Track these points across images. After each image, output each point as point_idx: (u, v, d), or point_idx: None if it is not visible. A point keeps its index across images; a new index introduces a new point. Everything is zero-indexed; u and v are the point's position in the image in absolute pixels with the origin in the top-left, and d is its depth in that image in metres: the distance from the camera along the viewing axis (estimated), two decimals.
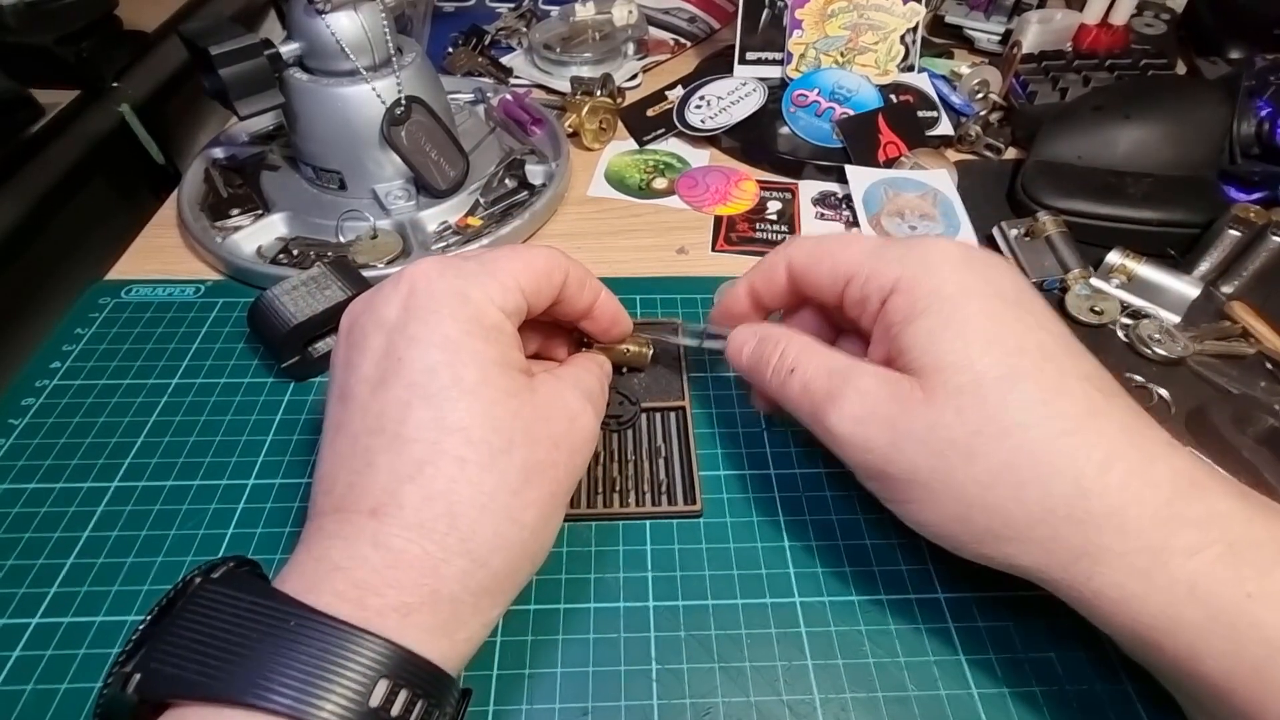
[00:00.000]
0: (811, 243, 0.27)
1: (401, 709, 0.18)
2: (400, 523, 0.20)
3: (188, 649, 0.18)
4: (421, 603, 0.19)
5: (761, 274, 0.29)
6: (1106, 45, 0.57)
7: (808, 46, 0.52)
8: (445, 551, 0.20)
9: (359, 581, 0.19)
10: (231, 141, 0.48)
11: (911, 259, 0.24)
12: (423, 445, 0.20)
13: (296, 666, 0.17)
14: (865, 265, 0.25)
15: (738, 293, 0.29)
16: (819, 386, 0.25)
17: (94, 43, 0.50)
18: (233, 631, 0.18)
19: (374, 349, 0.22)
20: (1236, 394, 0.34)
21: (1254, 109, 0.44)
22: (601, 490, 0.29)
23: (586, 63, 0.56)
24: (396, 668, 0.18)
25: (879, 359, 0.25)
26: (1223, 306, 0.38)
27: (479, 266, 0.23)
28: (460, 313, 0.22)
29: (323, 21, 0.37)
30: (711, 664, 0.25)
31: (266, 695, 0.17)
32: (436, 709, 0.19)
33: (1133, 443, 0.21)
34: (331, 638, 0.18)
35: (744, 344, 0.28)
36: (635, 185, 0.47)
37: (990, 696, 0.24)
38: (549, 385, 0.24)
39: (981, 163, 0.50)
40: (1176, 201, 0.42)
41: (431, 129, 0.40)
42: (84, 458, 0.30)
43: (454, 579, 0.20)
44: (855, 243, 0.26)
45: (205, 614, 0.18)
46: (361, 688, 0.17)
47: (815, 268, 0.27)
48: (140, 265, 0.41)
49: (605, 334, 0.30)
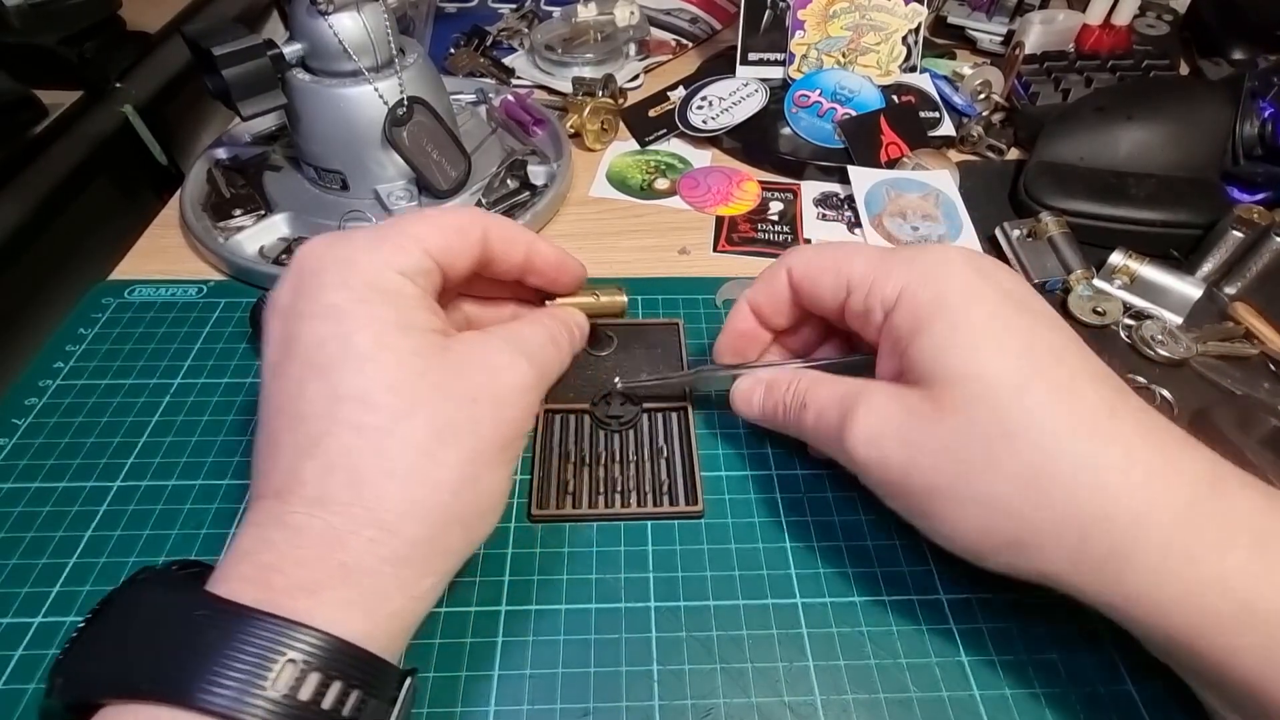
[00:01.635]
0: (811, 251, 0.27)
1: (313, 691, 0.17)
2: (301, 499, 0.19)
3: (103, 650, 0.18)
4: (329, 578, 0.18)
5: (763, 287, 0.28)
6: (1109, 46, 0.57)
7: (809, 47, 0.52)
8: (350, 522, 0.19)
9: (264, 564, 0.19)
10: (234, 142, 0.48)
11: (913, 268, 0.24)
12: (319, 419, 0.20)
13: (199, 654, 0.17)
14: (867, 276, 0.24)
15: (741, 311, 0.29)
16: (831, 414, 0.25)
17: (97, 43, 0.50)
18: (144, 629, 0.18)
19: (273, 336, 0.22)
20: (1240, 395, 0.34)
21: (1257, 110, 0.44)
22: (603, 491, 0.29)
23: (588, 63, 0.56)
24: (304, 647, 0.17)
25: (889, 373, 0.25)
26: (1226, 308, 0.38)
27: (371, 233, 0.23)
28: (348, 279, 0.21)
29: (325, 22, 0.37)
30: (713, 665, 0.25)
31: (172, 686, 0.16)
32: (359, 688, 0.18)
33: (1151, 443, 0.20)
34: (234, 622, 0.17)
35: (752, 392, 0.29)
36: (637, 186, 0.47)
37: (992, 698, 0.24)
38: (468, 341, 0.23)
39: (984, 163, 0.50)
40: (1179, 202, 0.42)
41: (433, 129, 0.40)
42: (87, 457, 0.30)
43: (363, 550, 0.19)
44: (857, 252, 0.26)
45: (120, 615, 0.18)
46: (265, 670, 0.17)
47: (817, 278, 0.26)
48: (143, 265, 0.41)
49: (555, 284, 0.28)
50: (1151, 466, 0.20)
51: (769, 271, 0.28)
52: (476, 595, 0.26)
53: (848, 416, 0.24)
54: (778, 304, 0.28)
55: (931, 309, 0.23)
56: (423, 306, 0.22)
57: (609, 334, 0.35)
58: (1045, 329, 0.22)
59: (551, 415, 0.32)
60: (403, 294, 0.22)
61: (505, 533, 0.28)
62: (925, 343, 0.22)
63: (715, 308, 0.38)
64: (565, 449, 0.31)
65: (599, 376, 0.33)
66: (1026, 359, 0.21)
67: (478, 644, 0.25)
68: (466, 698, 0.24)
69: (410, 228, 0.23)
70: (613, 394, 0.32)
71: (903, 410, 0.23)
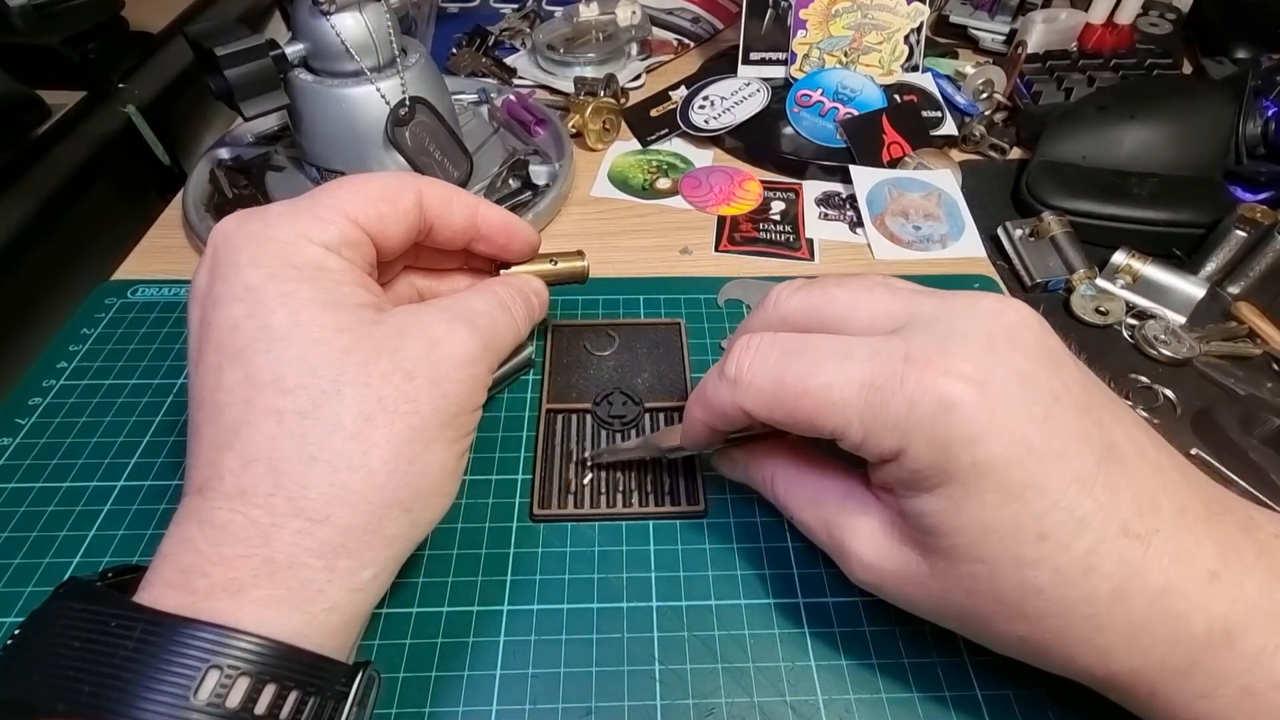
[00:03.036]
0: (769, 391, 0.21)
1: (243, 697, 0.16)
2: (222, 494, 0.18)
3: (18, 672, 0.17)
4: (255, 575, 0.17)
5: (718, 417, 0.23)
6: (1112, 45, 0.57)
7: (811, 46, 0.52)
8: (273, 515, 0.18)
9: (185, 566, 0.17)
10: (237, 142, 0.48)
11: (914, 428, 0.19)
12: (236, 407, 0.19)
13: (115, 668, 0.16)
14: (853, 430, 0.19)
15: (698, 432, 0.24)
16: (821, 540, 0.23)
17: (100, 44, 0.50)
18: (59, 646, 0.17)
19: (192, 324, 0.20)
20: (1243, 395, 0.34)
21: (1260, 109, 0.43)
22: (605, 490, 0.29)
23: (590, 63, 0.56)
24: (231, 652, 0.16)
25: (880, 482, 0.21)
26: (1229, 307, 0.38)
27: (288, 206, 0.21)
28: (261, 257, 0.20)
29: (327, 22, 0.37)
30: (715, 664, 0.25)
31: (86, 706, 0.15)
32: (296, 688, 0.17)
33: None
34: (152, 631, 0.16)
35: (733, 469, 0.27)
36: (639, 185, 0.47)
37: (994, 698, 0.24)
38: (403, 314, 0.21)
39: (986, 163, 0.50)
40: (1182, 202, 0.41)
41: (435, 129, 0.41)
42: (90, 457, 0.31)
43: (290, 543, 0.18)
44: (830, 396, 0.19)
45: (37, 633, 0.17)
46: (187, 680, 0.16)
47: (789, 423, 0.21)
48: (146, 265, 0.41)
49: (505, 250, 0.26)
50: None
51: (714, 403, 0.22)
52: (478, 595, 0.26)
53: (838, 551, 0.22)
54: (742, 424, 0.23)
55: (935, 480, 0.19)
56: (348, 280, 0.21)
57: (610, 334, 0.35)
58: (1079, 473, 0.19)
59: (554, 415, 0.32)
60: (324, 268, 0.20)
61: (507, 533, 0.28)
62: (923, 508, 0.19)
63: (717, 307, 0.38)
64: (567, 449, 0.31)
65: (600, 376, 0.33)
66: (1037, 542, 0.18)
67: (480, 643, 0.25)
68: (468, 697, 0.24)
69: (331, 197, 0.21)
70: (614, 393, 0.32)
71: (895, 569, 0.21)
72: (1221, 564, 0.18)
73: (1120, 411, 0.20)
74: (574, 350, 0.34)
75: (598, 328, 0.35)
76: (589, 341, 0.35)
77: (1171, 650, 0.18)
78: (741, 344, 0.22)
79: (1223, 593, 0.18)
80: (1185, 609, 0.18)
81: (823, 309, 0.22)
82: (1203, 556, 0.18)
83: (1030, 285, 0.40)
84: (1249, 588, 0.18)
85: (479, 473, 0.30)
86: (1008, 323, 0.20)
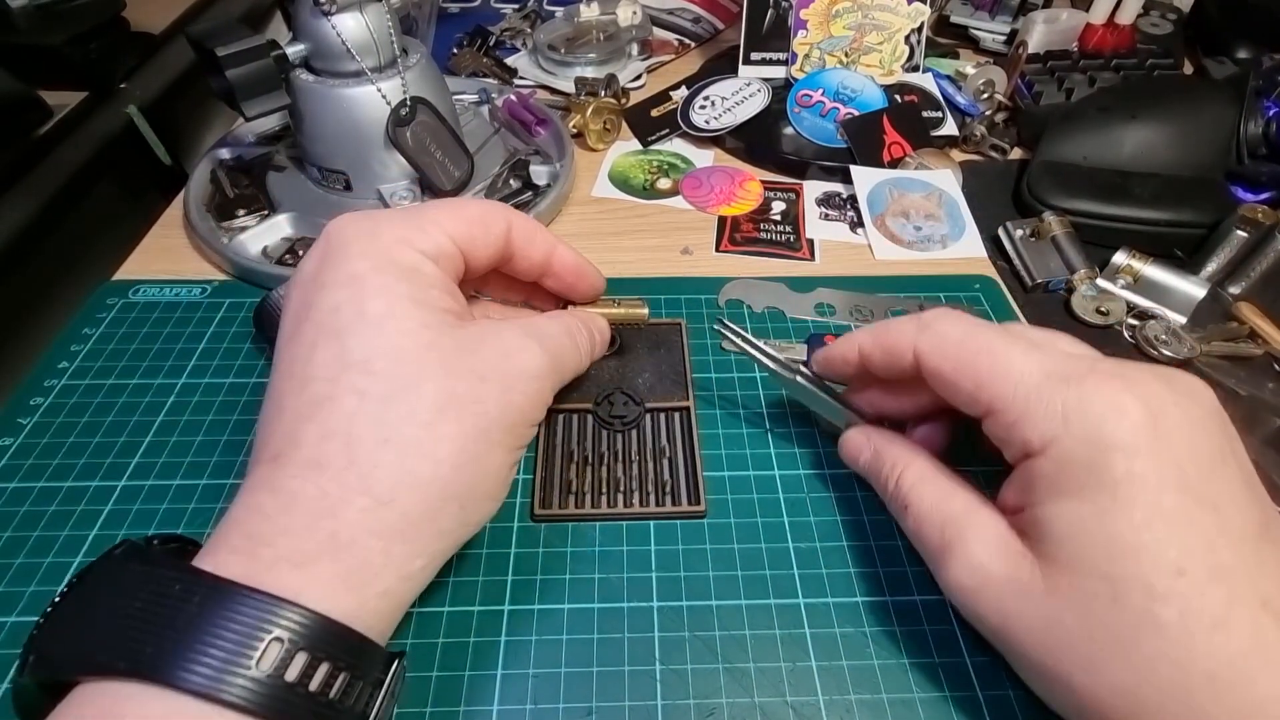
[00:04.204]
0: (954, 342, 0.22)
1: (300, 671, 0.16)
2: (296, 462, 0.19)
3: (76, 626, 0.17)
4: (319, 550, 0.18)
5: (883, 349, 0.25)
6: (1112, 45, 0.57)
7: (812, 47, 0.52)
8: (343, 489, 0.18)
9: (252, 533, 0.18)
10: (238, 142, 0.48)
11: (1077, 419, 0.19)
12: (323, 382, 0.20)
13: (178, 631, 0.16)
14: (1016, 405, 0.20)
15: (847, 352, 0.26)
16: (931, 538, 0.23)
17: (102, 44, 0.50)
18: (120, 605, 0.17)
19: (291, 305, 0.22)
20: (1244, 395, 0.34)
21: (1261, 109, 0.43)
22: (605, 491, 0.29)
23: (591, 63, 0.56)
24: (291, 625, 0.16)
25: (1010, 501, 0.22)
26: (1230, 307, 0.38)
27: (396, 214, 0.23)
28: (369, 250, 0.21)
29: (328, 23, 0.37)
30: (716, 665, 0.25)
31: (149, 664, 0.16)
32: (346, 670, 0.17)
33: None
34: (216, 597, 0.16)
35: (859, 452, 0.27)
36: (639, 186, 0.47)
37: (995, 698, 0.24)
38: (482, 324, 0.23)
39: (987, 163, 0.50)
40: (1183, 202, 0.41)
41: (436, 130, 0.41)
42: (91, 456, 0.31)
43: (355, 520, 0.18)
44: (1011, 366, 0.21)
45: (95, 590, 0.18)
46: (250, 648, 0.16)
47: (953, 379, 0.22)
48: (147, 265, 0.41)
49: (572, 290, 0.28)
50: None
51: (893, 336, 0.24)
52: (480, 595, 0.26)
53: (947, 550, 0.22)
54: (894, 372, 0.25)
55: (1083, 480, 0.19)
56: (439, 286, 0.22)
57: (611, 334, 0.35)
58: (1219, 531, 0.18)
59: (555, 415, 0.32)
60: (420, 271, 0.22)
61: (508, 532, 0.28)
62: (1061, 514, 0.19)
63: (718, 308, 0.38)
64: (568, 449, 0.31)
65: (601, 376, 0.33)
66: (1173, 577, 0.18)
67: (481, 643, 0.25)
68: (470, 697, 0.24)
69: (434, 212, 0.23)
70: (615, 393, 0.32)
71: (1006, 576, 0.20)
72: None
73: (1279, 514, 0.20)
74: None
75: None
76: None
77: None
78: (938, 310, 0.23)
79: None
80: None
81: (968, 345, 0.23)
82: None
83: (1031, 286, 0.40)
84: None
85: None
86: (1188, 383, 0.20)
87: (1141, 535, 0.18)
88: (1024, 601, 0.20)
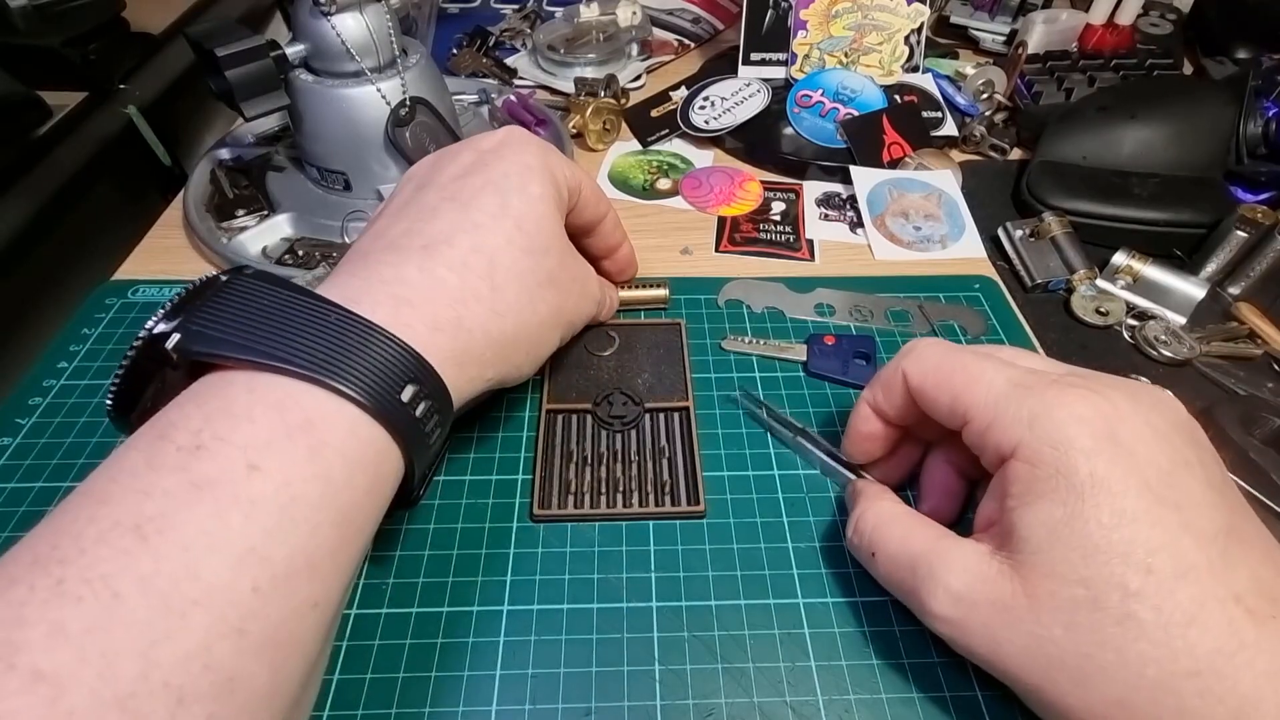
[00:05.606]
0: (932, 362, 0.24)
1: (424, 411, 0.21)
2: (448, 258, 0.23)
3: (229, 320, 0.19)
4: (448, 324, 0.23)
5: (881, 388, 0.26)
6: (1112, 45, 0.57)
7: (812, 47, 0.52)
8: (477, 292, 0.23)
9: (398, 296, 0.22)
10: (237, 143, 0.48)
11: (1041, 423, 0.20)
12: (484, 215, 0.25)
13: (340, 352, 0.19)
14: (987, 412, 0.22)
15: (862, 412, 0.27)
16: (904, 579, 0.23)
17: (101, 45, 0.50)
18: (275, 315, 0.20)
19: (464, 160, 0.27)
20: (1243, 395, 0.34)
21: (1261, 109, 0.43)
22: (605, 491, 0.29)
23: (590, 64, 0.56)
24: (420, 374, 0.21)
25: (988, 512, 0.22)
26: (1229, 307, 0.38)
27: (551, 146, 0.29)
28: (542, 156, 0.27)
29: (328, 23, 0.37)
30: (715, 665, 0.25)
31: (319, 368, 0.19)
32: (441, 427, 0.22)
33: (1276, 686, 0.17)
34: (371, 336, 0.20)
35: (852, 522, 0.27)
36: (639, 186, 0.47)
37: (995, 698, 0.24)
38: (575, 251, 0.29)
39: (986, 163, 0.50)
40: (1183, 202, 0.41)
41: (436, 130, 0.41)
42: (90, 456, 0.30)
43: (478, 316, 0.23)
44: (981, 377, 0.22)
45: (245, 297, 0.20)
46: (392, 383, 0.20)
47: (934, 394, 0.24)
48: (146, 265, 0.41)
49: (621, 274, 0.36)
50: None
51: (886, 371, 0.26)
52: (479, 595, 0.26)
53: (921, 587, 0.22)
54: (897, 406, 0.26)
55: (1051, 482, 0.20)
56: (564, 210, 0.28)
57: (610, 334, 0.35)
58: (1183, 528, 0.19)
59: (554, 415, 0.32)
60: (561, 195, 0.28)
61: (507, 533, 0.28)
62: (1034, 519, 0.20)
63: (717, 308, 0.38)
64: (568, 449, 0.31)
65: (601, 377, 0.33)
66: (1144, 574, 0.18)
67: (480, 643, 0.25)
68: (469, 697, 0.24)
69: (579, 168, 0.30)
70: (615, 394, 0.32)
71: (986, 597, 0.20)
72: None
73: (1254, 519, 0.20)
74: (574, 350, 0.34)
75: (598, 328, 0.35)
76: (589, 342, 0.35)
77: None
78: (921, 339, 0.26)
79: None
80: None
81: (946, 362, 0.24)
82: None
83: (1031, 286, 0.40)
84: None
85: (479, 473, 0.30)
86: (1157, 397, 0.21)
87: (1110, 535, 0.19)
88: (1011, 622, 0.20)
